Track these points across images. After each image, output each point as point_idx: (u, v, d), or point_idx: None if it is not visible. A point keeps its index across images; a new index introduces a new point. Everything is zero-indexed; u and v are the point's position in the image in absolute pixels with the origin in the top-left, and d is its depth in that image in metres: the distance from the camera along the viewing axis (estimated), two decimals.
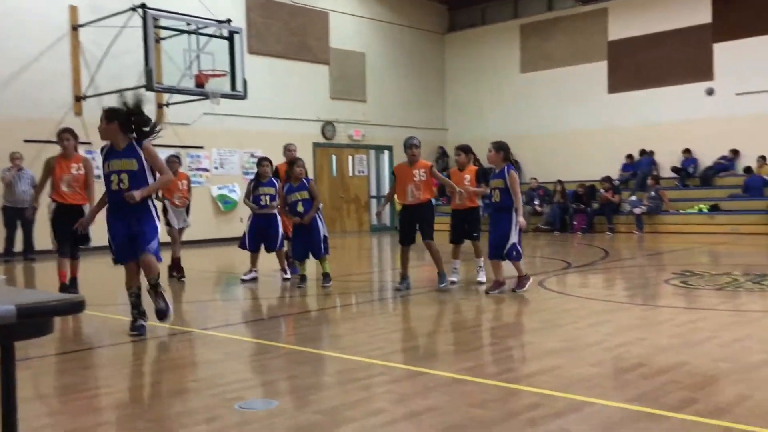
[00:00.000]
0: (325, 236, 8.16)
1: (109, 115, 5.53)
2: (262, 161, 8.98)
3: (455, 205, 8.16)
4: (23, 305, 1.63)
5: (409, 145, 7.86)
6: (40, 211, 8.40)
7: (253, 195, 8.85)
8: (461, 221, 8.16)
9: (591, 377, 3.93)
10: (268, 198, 8.76)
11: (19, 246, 12.88)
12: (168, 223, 9.35)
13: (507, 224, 7.16)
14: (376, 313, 6.83)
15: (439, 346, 5.07)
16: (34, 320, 1.66)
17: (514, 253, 7.18)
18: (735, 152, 16.97)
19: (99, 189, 6.61)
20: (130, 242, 5.52)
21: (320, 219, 8.23)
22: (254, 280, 8.80)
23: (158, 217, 5.75)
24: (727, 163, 17.05)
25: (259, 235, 8.83)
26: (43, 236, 13.44)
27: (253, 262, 8.92)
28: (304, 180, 8.20)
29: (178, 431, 3.20)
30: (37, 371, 4.51)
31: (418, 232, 7.84)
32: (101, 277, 10.60)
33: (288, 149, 9.34)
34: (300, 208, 8.04)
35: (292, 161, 8.39)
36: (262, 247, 8.93)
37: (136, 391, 3.97)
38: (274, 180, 8.88)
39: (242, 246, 8.99)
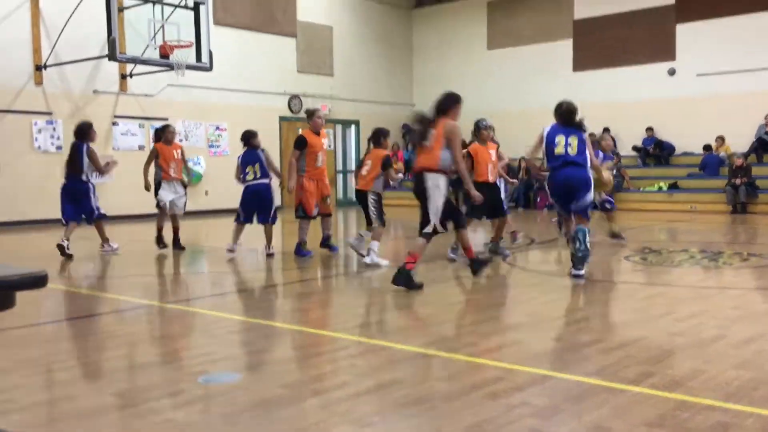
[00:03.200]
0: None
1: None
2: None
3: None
4: None
5: (486, 126, 8.35)
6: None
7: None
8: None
9: (552, 351, 4.02)
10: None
11: None
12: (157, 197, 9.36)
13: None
14: (342, 288, 6.86)
15: (404, 320, 5.12)
16: None
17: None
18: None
19: None
20: None
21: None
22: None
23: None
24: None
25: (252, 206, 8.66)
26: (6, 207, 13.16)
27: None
28: None
29: (141, 405, 3.20)
30: None
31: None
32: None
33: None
34: None
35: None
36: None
37: (99, 364, 3.94)
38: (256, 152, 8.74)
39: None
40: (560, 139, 6.58)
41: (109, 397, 3.34)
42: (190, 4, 13.59)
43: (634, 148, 17.88)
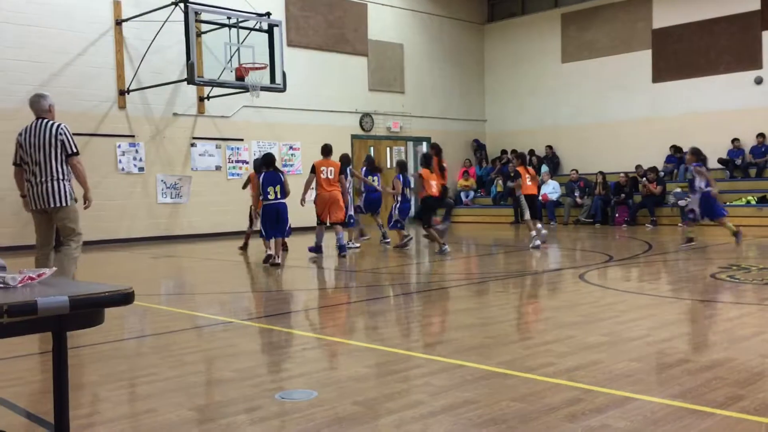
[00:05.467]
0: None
1: None
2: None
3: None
4: (76, 296, 1.67)
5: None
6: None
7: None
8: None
9: (633, 372, 3.88)
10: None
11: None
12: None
13: None
14: (415, 305, 6.83)
15: (478, 339, 5.05)
16: (85, 311, 1.71)
17: None
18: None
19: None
20: None
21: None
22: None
23: None
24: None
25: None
26: (83, 228, 13.75)
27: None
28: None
29: (219, 420, 3.26)
30: (83, 360, 4.63)
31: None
32: (141, 268, 10.82)
33: None
34: None
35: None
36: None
37: (178, 380, 4.04)
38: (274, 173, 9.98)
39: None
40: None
41: (189, 412, 3.42)
42: (265, 27, 13.96)
43: (720, 161, 17.18)
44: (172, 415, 3.37)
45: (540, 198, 18.00)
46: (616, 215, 16.93)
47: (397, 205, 12.06)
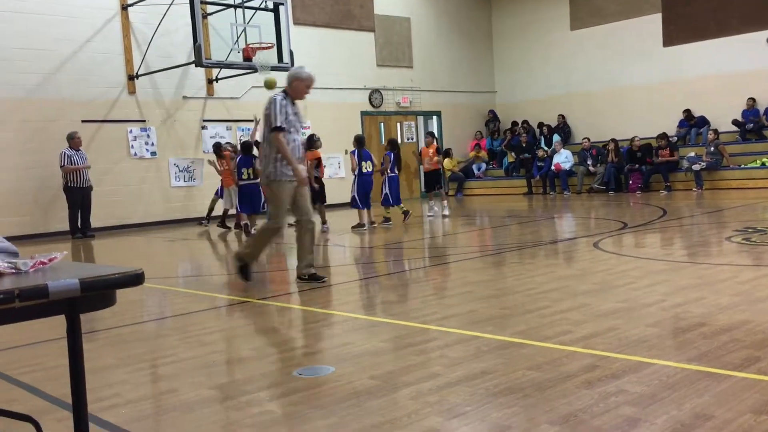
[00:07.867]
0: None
1: None
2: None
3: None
4: (86, 279, 1.70)
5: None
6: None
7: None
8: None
9: (649, 338, 3.88)
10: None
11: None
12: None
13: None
14: (429, 279, 6.85)
15: (493, 310, 5.06)
16: (96, 293, 1.74)
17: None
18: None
19: None
20: None
21: None
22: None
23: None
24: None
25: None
26: (99, 214, 13.87)
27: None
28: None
29: (240, 398, 3.30)
30: (103, 343, 4.69)
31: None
32: (158, 251, 10.91)
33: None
34: None
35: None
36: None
37: (197, 360, 4.09)
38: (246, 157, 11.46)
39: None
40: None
41: (209, 391, 3.46)
42: (270, 6, 13.88)
43: (734, 123, 16.97)
44: (193, 394, 3.42)
45: (553, 167, 18.02)
46: (630, 182, 16.81)
47: (355, 182, 11.52)
